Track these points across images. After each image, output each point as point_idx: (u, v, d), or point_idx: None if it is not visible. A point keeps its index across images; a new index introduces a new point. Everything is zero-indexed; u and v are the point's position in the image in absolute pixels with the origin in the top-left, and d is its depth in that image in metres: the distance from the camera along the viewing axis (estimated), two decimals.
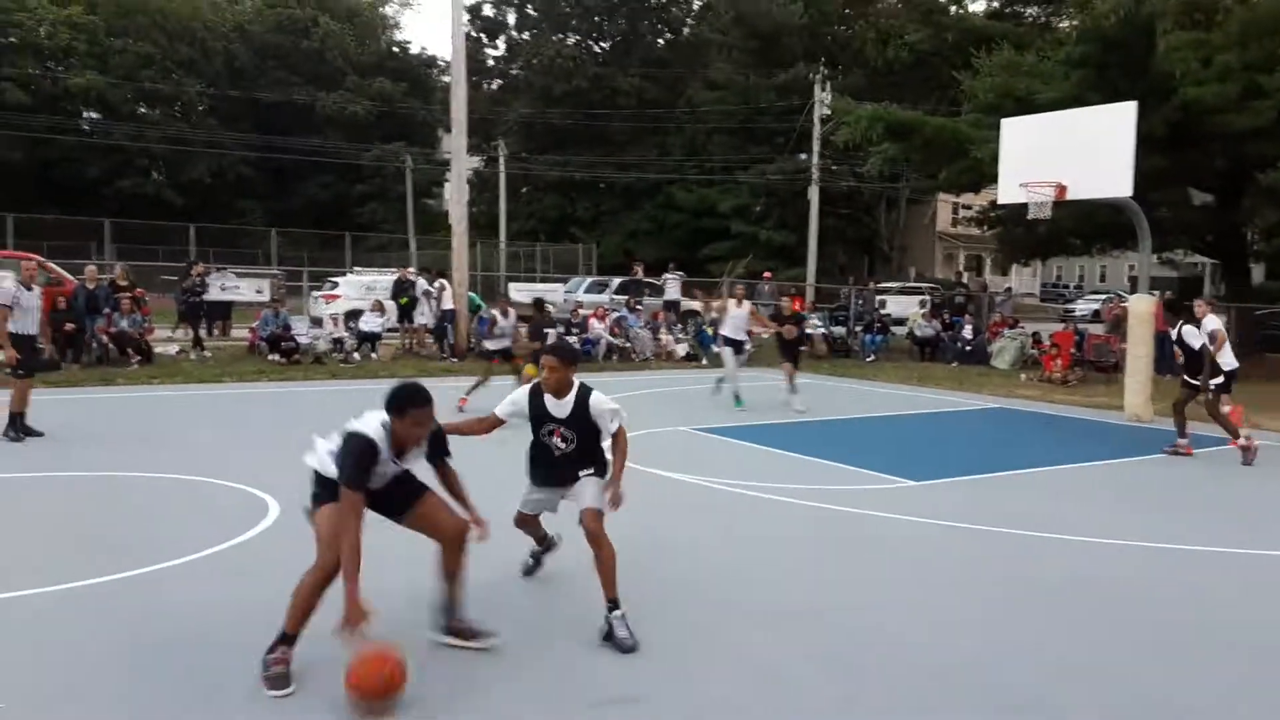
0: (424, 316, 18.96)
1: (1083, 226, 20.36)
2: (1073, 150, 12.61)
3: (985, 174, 18.57)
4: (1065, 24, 21.77)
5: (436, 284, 18.77)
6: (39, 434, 9.39)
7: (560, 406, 4.85)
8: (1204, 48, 17.30)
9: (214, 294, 19.18)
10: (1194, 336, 10.11)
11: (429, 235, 44.19)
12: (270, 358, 16.75)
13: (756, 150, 43.15)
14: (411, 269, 22.64)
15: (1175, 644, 4.76)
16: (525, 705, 3.90)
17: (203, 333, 18.25)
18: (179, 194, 46.15)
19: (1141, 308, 13.19)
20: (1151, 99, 15.69)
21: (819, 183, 33.35)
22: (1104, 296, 38.48)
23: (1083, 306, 38.60)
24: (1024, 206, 13.79)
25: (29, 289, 9.54)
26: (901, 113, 20.99)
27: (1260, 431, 11.91)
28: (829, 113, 30.00)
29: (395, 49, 57.92)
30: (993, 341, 20.90)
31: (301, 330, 18.09)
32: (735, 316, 13.30)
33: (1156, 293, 15.65)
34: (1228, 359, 10.18)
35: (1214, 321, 10.25)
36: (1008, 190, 13.73)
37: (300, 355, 17.07)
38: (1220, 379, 10.12)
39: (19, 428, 9.31)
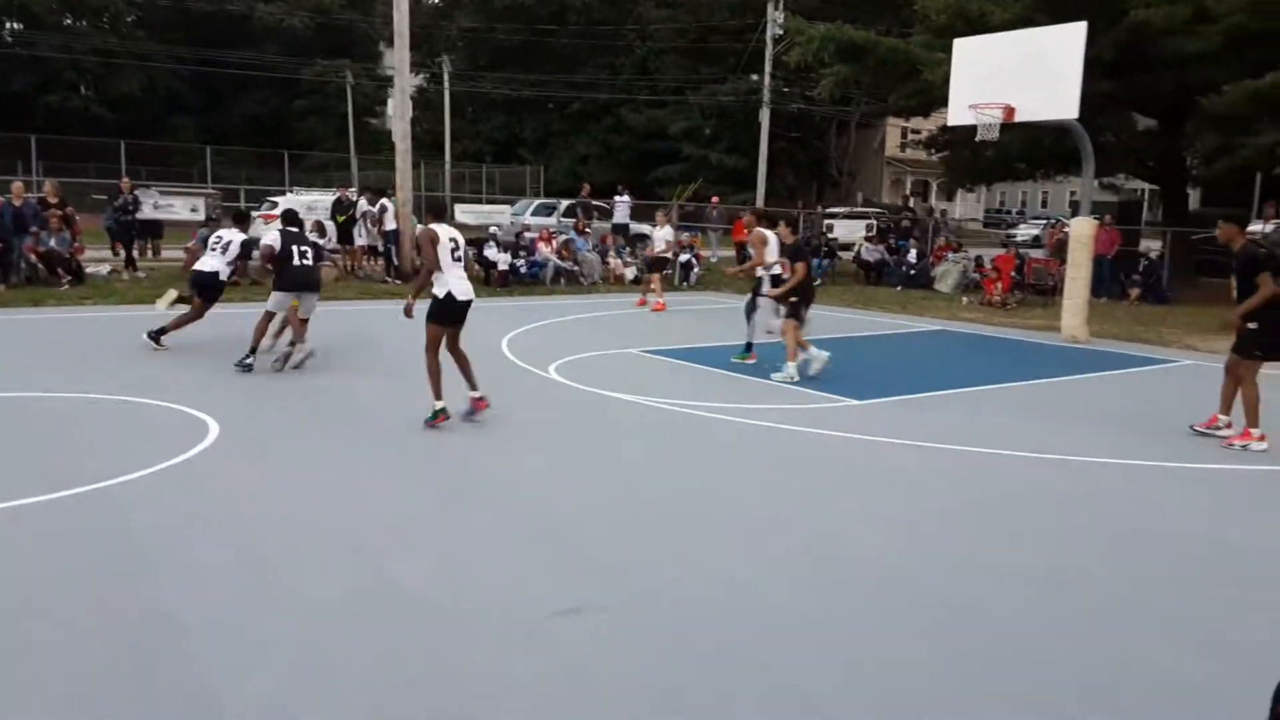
0: (363, 237, 18.51)
1: (1028, 151, 20.48)
2: (1022, 72, 12.61)
3: (936, 96, 18.52)
4: None
5: (378, 204, 18.30)
6: None
7: None
8: None
9: (146, 212, 18.50)
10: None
11: (371, 155, 43.01)
12: None
13: (708, 71, 42.49)
14: (352, 188, 22.07)
15: (1112, 550, 4.94)
16: (478, 621, 3.92)
17: (135, 253, 17.64)
18: (109, 109, 44.16)
19: (1082, 231, 13.40)
20: (1101, 21, 15.66)
21: (770, 105, 32.99)
22: (1045, 221, 38.99)
23: (1024, 231, 39.11)
24: (972, 130, 13.82)
25: None
26: (855, 32, 20.72)
27: (1193, 353, 12.28)
28: (781, 32, 29.53)
29: None
30: (936, 265, 21.13)
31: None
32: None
33: (1096, 216, 15.88)
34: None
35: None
36: (958, 112, 13.73)
37: (239, 277, 16.60)
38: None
39: None
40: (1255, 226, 18.92)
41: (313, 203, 20.85)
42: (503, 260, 18.28)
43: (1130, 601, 4.30)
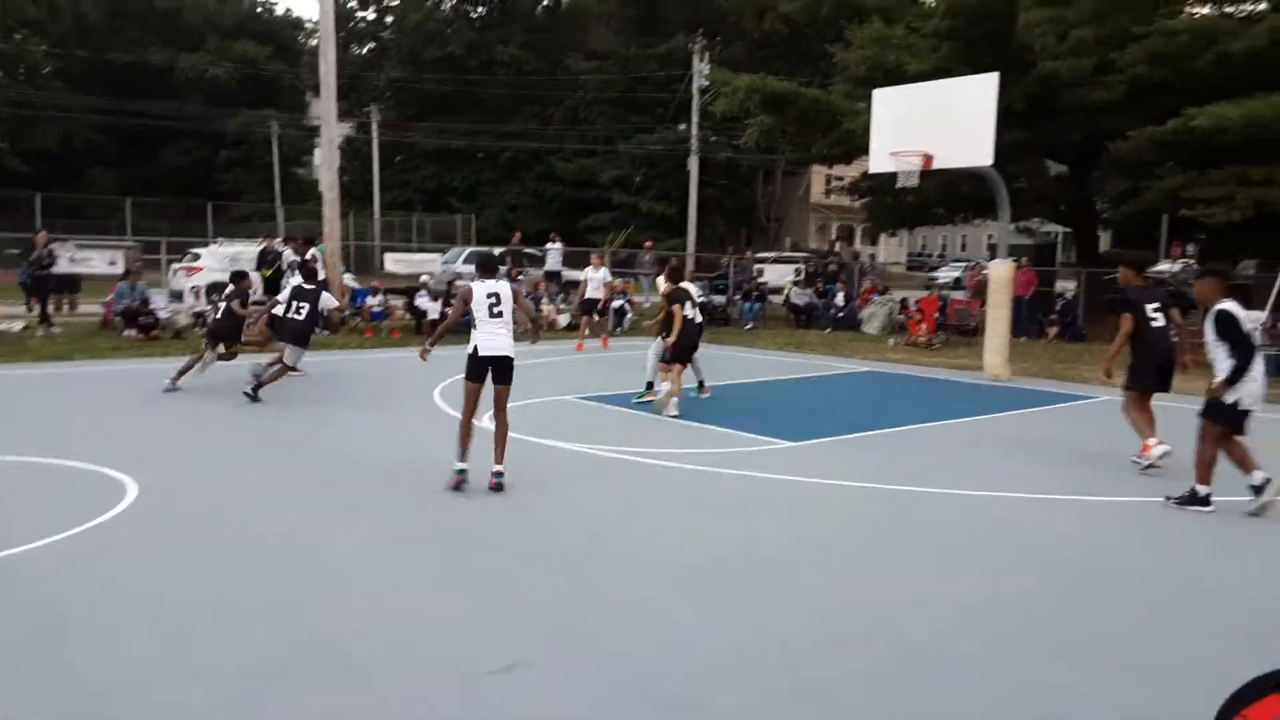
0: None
1: (947, 196, 21.18)
2: (939, 121, 13.07)
3: (857, 145, 19.08)
4: None
5: (310, 253, 18.02)
6: None
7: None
8: (1061, 24, 18.18)
9: (62, 266, 17.95)
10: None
11: (298, 204, 42.53)
12: (126, 334, 15.84)
13: (637, 120, 43.17)
14: (278, 238, 21.75)
15: (1050, 580, 5.04)
16: (411, 675, 3.82)
17: (50, 308, 17.07)
18: (24, 162, 42.92)
19: (1001, 273, 13.85)
20: (1012, 72, 16.39)
21: (698, 153, 33.60)
22: (965, 264, 40.21)
23: (945, 274, 40.25)
24: (893, 176, 14.23)
25: None
26: (778, 84, 21.30)
27: (1110, 389, 12.70)
28: (708, 83, 30.22)
29: (259, 9, 55.17)
30: (863, 308, 21.60)
31: (160, 304, 17.14)
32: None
33: (1014, 259, 16.45)
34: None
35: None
36: (878, 160, 14.13)
37: (159, 331, 16.19)
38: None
39: None
40: (1164, 266, 19.80)
41: (237, 254, 20.45)
42: (434, 309, 18.14)
43: (1061, 631, 4.38)
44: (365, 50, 53.19)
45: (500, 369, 6.86)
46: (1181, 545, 5.88)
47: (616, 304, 19.91)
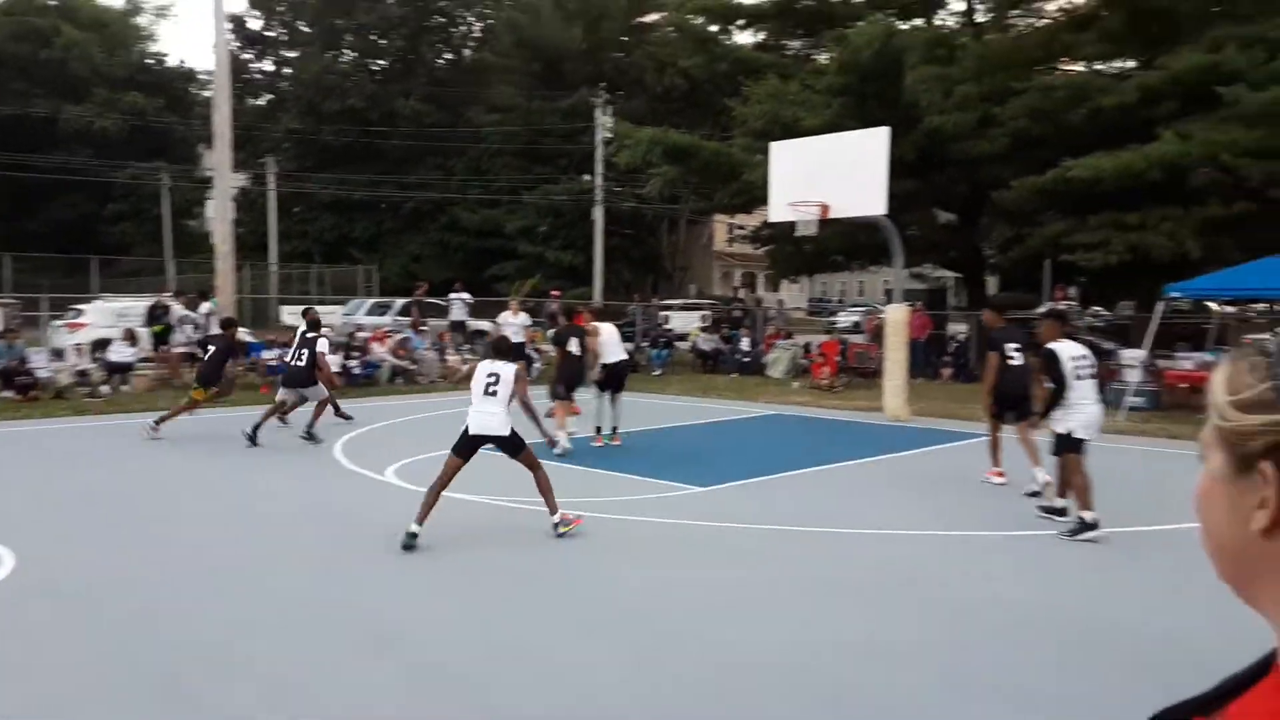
0: (182, 344, 17.53)
1: (844, 244, 21.85)
2: (834, 173, 13.51)
3: (757, 195, 19.57)
4: (825, 57, 23.37)
5: (203, 307, 17.44)
6: None
7: None
8: (946, 81, 19.10)
9: None
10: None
11: (189, 258, 41.18)
12: (2, 395, 14.97)
13: (541, 171, 43.35)
14: (168, 293, 21.00)
15: (954, 619, 5.12)
16: None
17: None
18: None
19: (897, 317, 14.29)
20: (902, 126, 17.09)
21: (603, 203, 33.94)
22: (863, 308, 41.42)
23: (845, 318, 41.38)
24: (793, 225, 14.62)
25: None
26: (679, 136, 21.75)
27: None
28: (611, 135, 30.66)
29: (150, 61, 53.67)
30: (768, 353, 22.00)
31: (40, 363, 16.27)
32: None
33: (909, 303, 17.02)
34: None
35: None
36: (777, 210, 14.51)
37: (39, 391, 15.35)
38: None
39: None
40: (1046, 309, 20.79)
41: (124, 310, 19.63)
42: (334, 362, 17.69)
43: (970, 672, 4.45)
44: (262, 101, 52.22)
45: (499, 444, 6.93)
46: (1079, 578, 6.07)
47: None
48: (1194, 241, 15.93)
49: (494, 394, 6.86)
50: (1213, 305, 19.51)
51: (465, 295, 23.77)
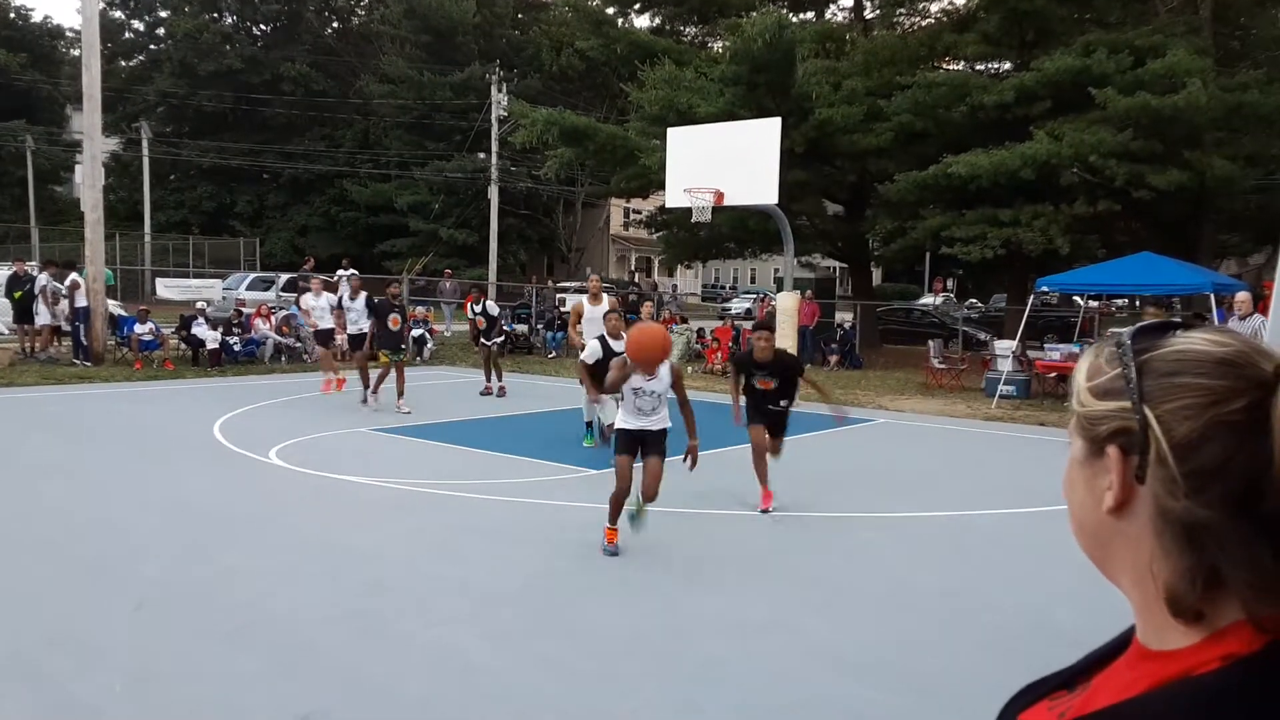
0: (44, 316, 16.54)
1: (737, 231, 22.21)
2: (729, 160, 13.72)
3: (653, 180, 19.69)
4: (719, 45, 23.59)
5: (67, 280, 16.45)
6: None
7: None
8: (835, 74, 19.58)
9: None
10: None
11: (56, 225, 38.81)
12: None
13: (433, 147, 42.47)
14: (31, 262, 19.78)
15: (831, 597, 5.31)
16: None
17: None
18: None
19: (787, 304, 14.64)
20: (794, 118, 17.47)
21: (498, 183, 33.54)
22: (755, 295, 42.23)
23: (737, 305, 42.14)
24: (688, 211, 14.79)
25: None
26: (576, 118, 21.63)
27: (885, 411, 13.68)
28: (506, 114, 30.27)
29: (13, 15, 50.13)
30: None
31: None
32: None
33: (799, 291, 17.44)
34: None
35: None
36: (673, 195, 14.65)
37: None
38: None
39: None
40: (926, 300, 21.64)
41: None
42: (213, 338, 17.02)
43: (842, 648, 4.64)
44: (134, 62, 49.44)
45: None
46: (945, 559, 6.37)
47: (417, 333, 19.43)
48: (1063, 238, 16.80)
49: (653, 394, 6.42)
50: (1079, 299, 20.62)
51: (354, 272, 23.15)
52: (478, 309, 14.21)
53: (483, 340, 14.10)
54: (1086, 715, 0.73)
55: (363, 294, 13.13)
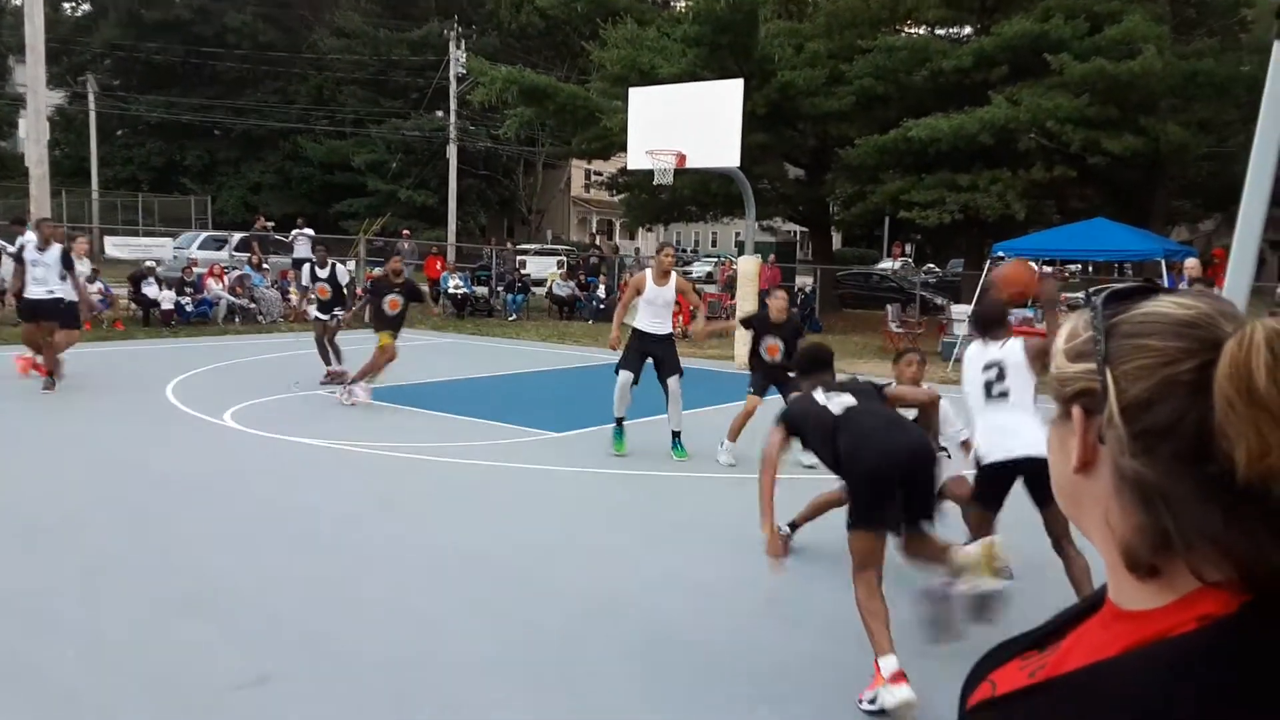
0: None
1: (699, 194, 22.14)
2: (691, 122, 13.63)
3: (614, 141, 19.51)
4: (682, 4, 23.30)
5: (17, 242, 15.95)
6: None
7: None
8: (797, 36, 19.46)
9: None
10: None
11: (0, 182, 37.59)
12: None
13: (390, 104, 41.64)
14: None
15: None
16: (136, 710, 3.50)
17: None
18: None
19: (749, 268, 14.67)
20: (756, 80, 17.35)
21: (457, 142, 33.03)
22: (717, 259, 42.23)
23: (699, 268, 42.11)
24: (650, 173, 14.69)
25: None
26: (536, 76, 21.32)
27: (842, 374, 13.79)
28: (465, 72, 29.74)
29: None
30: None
31: None
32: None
33: (760, 255, 17.48)
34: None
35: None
36: (635, 157, 14.53)
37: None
38: None
39: None
40: (885, 264, 21.78)
41: None
42: (166, 298, 16.69)
43: (803, 608, 4.72)
44: (79, 12, 47.75)
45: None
46: None
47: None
48: (1019, 203, 16.97)
49: (1003, 395, 4.54)
50: (1034, 264, 20.89)
51: (309, 231, 22.79)
52: (323, 274, 11.21)
53: (318, 315, 11.19)
54: (1061, 675, 0.73)
55: (56, 245, 10.11)
